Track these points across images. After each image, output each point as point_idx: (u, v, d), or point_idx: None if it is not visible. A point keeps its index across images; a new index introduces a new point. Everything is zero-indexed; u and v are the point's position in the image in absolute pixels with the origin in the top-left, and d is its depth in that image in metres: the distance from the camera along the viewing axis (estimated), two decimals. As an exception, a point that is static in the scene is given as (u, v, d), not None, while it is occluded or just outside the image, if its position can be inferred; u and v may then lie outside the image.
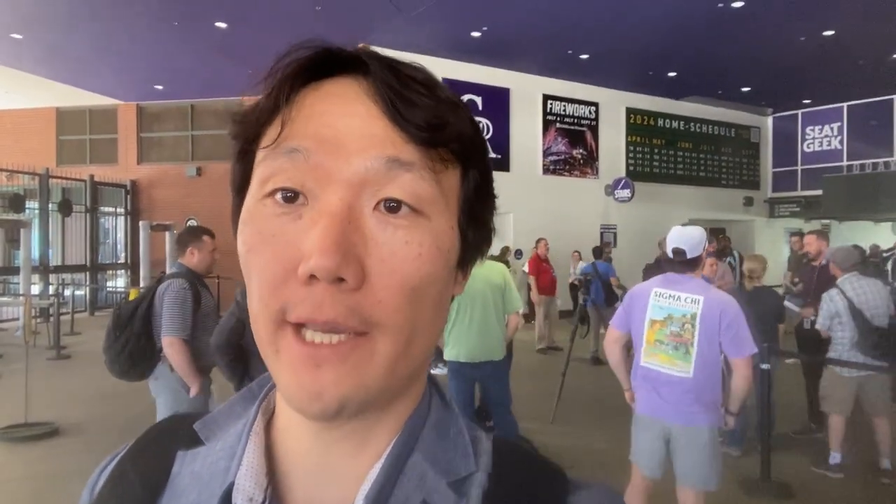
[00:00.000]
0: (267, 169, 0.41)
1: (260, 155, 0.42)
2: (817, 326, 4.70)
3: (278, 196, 0.40)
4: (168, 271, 3.57)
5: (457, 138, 0.43)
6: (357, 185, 0.40)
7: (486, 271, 4.18)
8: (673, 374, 2.84)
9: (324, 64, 0.43)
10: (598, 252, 9.35)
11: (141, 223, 13.84)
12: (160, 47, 11.63)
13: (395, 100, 0.40)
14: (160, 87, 14.54)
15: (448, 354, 4.15)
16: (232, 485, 0.43)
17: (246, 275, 0.42)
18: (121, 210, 15.51)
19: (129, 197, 15.53)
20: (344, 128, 0.40)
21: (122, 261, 15.69)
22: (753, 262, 5.14)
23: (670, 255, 2.98)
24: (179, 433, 0.51)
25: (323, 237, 0.37)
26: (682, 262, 2.94)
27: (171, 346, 3.28)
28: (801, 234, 8.40)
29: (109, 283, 15.51)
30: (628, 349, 3.16)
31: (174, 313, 3.29)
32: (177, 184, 15.35)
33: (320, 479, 0.45)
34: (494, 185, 0.50)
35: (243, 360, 3.02)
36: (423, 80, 0.43)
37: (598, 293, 8.26)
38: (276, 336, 0.40)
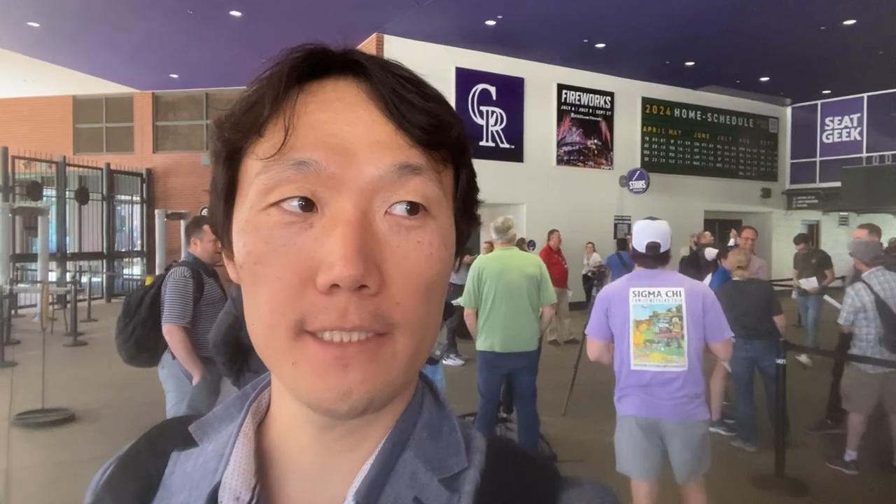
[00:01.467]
0: (271, 180, 0.40)
1: (257, 165, 0.41)
2: (839, 321, 4.59)
3: (286, 205, 0.40)
4: (181, 259, 3.63)
5: (456, 140, 0.44)
6: (370, 192, 0.40)
7: (522, 263, 4.20)
8: (669, 371, 2.81)
9: (318, 66, 0.43)
10: (623, 244, 10.19)
11: (156, 211, 13.97)
12: (175, 36, 11.67)
13: (397, 103, 0.41)
14: (175, 76, 14.62)
15: (482, 345, 4.16)
16: (219, 484, 0.44)
17: (251, 286, 0.41)
18: (137, 198, 15.67)
19: (144, 185, 15.68)
20: (350, 136, 0.40)
21: (137, 248, 15.86)
22: (739, 254, 5.09)
23: (642, 249, 2.91)
24: (176, 435, 0.52)
25: (344, 245, 0.37)
26: (654, 257, 2.91)
27: (169, 333, 3.32)
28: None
29: (126, 271, 15.69)
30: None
31: (174, 301, 3.32)
32: (192, 172, 15.46)
33: (314, 477, 0.45)
34: (505, 175, 0.49)
35: (241, 357, 3.03)
36: (412, 78, 0.43)
37: None
38: (294, 348, 0.39)
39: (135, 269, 15.87)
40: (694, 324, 2.81)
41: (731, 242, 10.17)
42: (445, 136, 0.42)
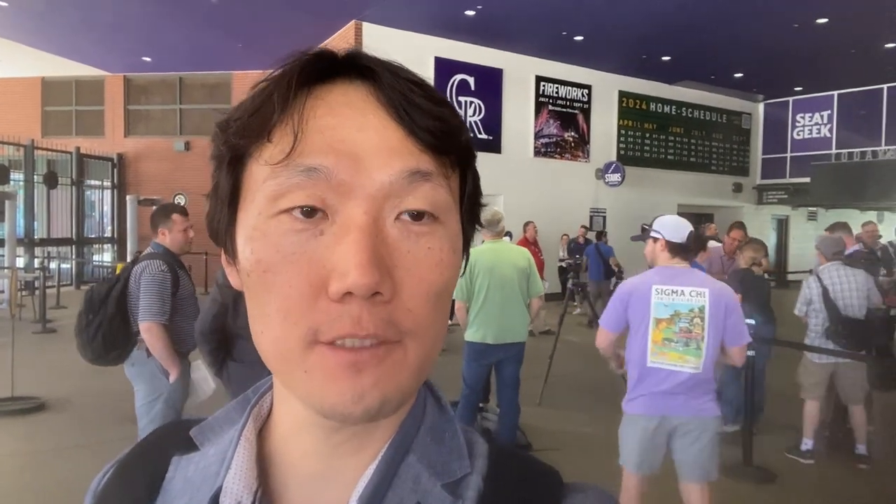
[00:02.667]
0: (279, 186, 0.39)
1: (264, 170, 0.40)
2: (794, 311, 4.82)
3: (296, 212, 0.39)
4: (145, 251, 3.43)
5: (464, 145, 0.44)
6: (380, 199, 0.39)
7: (513, 256, 4.29)
8: (683, 371, 2.78)
9: (325, 69, 0.42)
10: (599, 235, 11.20)
11: (128, 197, 13.73)
12: (149, 18, 11.42)
13: (407, 108, 0.40)
14: (148, 59, 14.31)
15: (473, 336, 4.20)
16: (221, 489, 0.44)
17: (260, 294, 0.40)
18: (107, 183, 15.34)
19: (115, 170, 15.35)
20: (361, 142, 0.40)
21: (108, 235, 15.56)
22: (758, 250, 5.13)
23: (682, 240, 2.87)
24: (177, 439, 0.51)
25: (358, 253, 0.37)
26: (682, 248, 2.89)
27: (149, 331, 3.16)
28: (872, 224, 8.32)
29: (96, 258, 15.39)
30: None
31: (153, 297, 3.17)
32: (165, 158, 15.19)
33: (316, 481, 0.45)
34: (483, 166, 0.51)
35: (226, 346, 2.99)
36: (420, 82, 0.43)
37: (598, 270, 10.22)
38: (306, 357, 0.39)
39: (105, 256, 15.58)
40: (715, 326, 2.79)
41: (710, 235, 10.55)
42: (454, 141, 0.42)
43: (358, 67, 0.42)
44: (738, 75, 15.40)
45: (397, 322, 0.39)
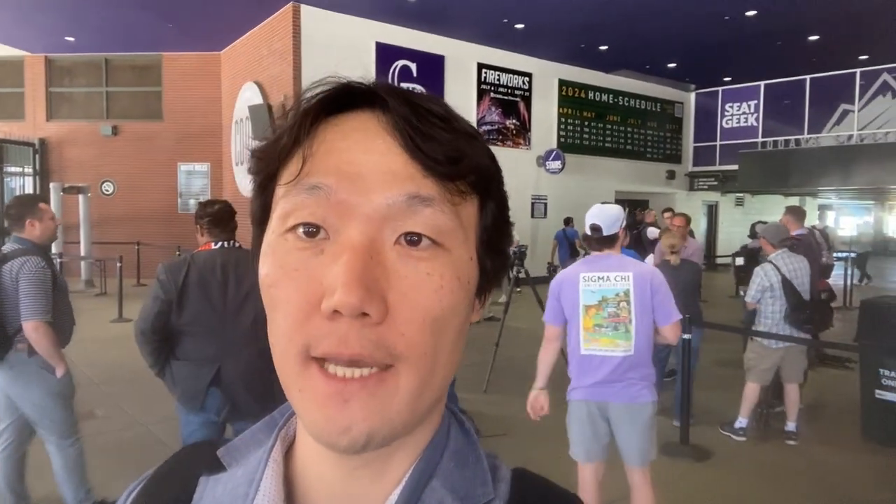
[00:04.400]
0: (288, 204, 0.42)
1: (280, 191, 0.43)
2: (746, 299, 4.91)
3: (300, 231, 0.41)
4: (8, 248, 3.17)
5: (474, 170, 0.43)
6: (378, 221, 0.40)
7: None
8: (616, 356, 2.86)
9: (343, 99, 0.44)
10: (567, 221, 12.18)
11: (52, 185, 13.00)
12: (71, -5, 10.80)
13: (413, 134, 0.41)
14: (72, 40, 13.55)
15: None
16: None
17: (270, 309, 0.42)
18: (29, 170, 14.49)
19: (37, 156, 14.52)
20: (365, 164, 0.41)
21: (30, 224, 14.72)
22: (672, 237, 5.26)
23: (588, 232, 2.98)
24: (204, 459, 0.52)
25: (346, 272, 0.38)
26: (598, 239, 2.96)
27: (36, 330, 3.02)
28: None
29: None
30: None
31: (37, 296, 3.02)
32: (91, 143, 14.49)
33: None
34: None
35: (168, 344, 2.88)
36: (440, 112, 0.43)
37: (566, 253, 11.41)
38: (301, 375, 0.40)
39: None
40: (642, 308, 2.85)
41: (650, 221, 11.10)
42: (463, 168, 0.42)
43: (372, 96, 0.43)
44: (672, 65, 15.87)
45: (389, 346, 0.39)
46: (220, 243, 2.92)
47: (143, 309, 2.84)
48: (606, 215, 2.95)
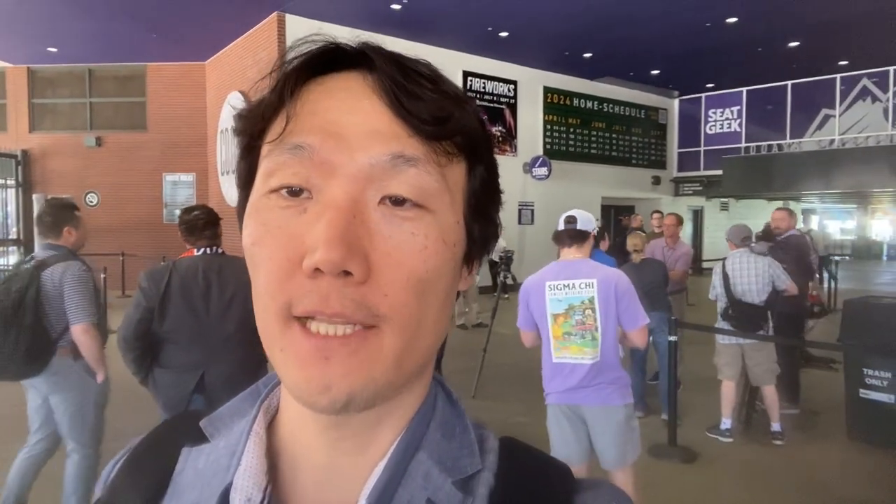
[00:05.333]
0: (271, 164, 0.41)
1: (264, 150, 0.43)
2: (709, 296, 5.12)
3: (283, 191, 0.40)
4: (46, 254, 3.18)
5: (461, 131, 0.43)
6: (362, 180, 0.40)
7: None
8: (585, 363, 2.87)
9: (329, 59, 0.43)
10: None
11: (34, 196, 12.90)
12: (53, 5, 10.72)
13: (399, 94, 0.41)
14: (54, 50, 13.46)
15: None
16: (230, 485, 0.43)
17: (252, 268, 0.42)
18: (11, 182, 14.34)
19: (20, 167, 14.37)
20: (348, 123, 0.40)
21: (13, 237, 14.56)
22: (636, 238, 5.46)
23: (561, 226, 3.00)
24: (187, 430, 0.51)
25: (328, 230, 0.37)
26: (571, 233, 2.96)
27: (85, 332, 3.05)
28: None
29: (0, 260, 14.38)
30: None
31: (84, 299, 3.06)
32: (74, 154, 14.36)
33: (324, 478, 0.45)
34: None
35: (151, 352, 2.86)
36: (427, 74, 0.43)
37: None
38: (283, 334, 0.39)
39: (10, 259, 14.57)
40: (607, 314, 2.85)
41: (636, 225, 11.10)
42: (450, 128, 0.42)
43: (358, 56, 0.43)
44: (655, 72, 16.01)
45: (371, 306, 0.39)
46: (202, 250, 2.91)
47: (125, 317, 2.81)
48: (582, 214, 3.00)
